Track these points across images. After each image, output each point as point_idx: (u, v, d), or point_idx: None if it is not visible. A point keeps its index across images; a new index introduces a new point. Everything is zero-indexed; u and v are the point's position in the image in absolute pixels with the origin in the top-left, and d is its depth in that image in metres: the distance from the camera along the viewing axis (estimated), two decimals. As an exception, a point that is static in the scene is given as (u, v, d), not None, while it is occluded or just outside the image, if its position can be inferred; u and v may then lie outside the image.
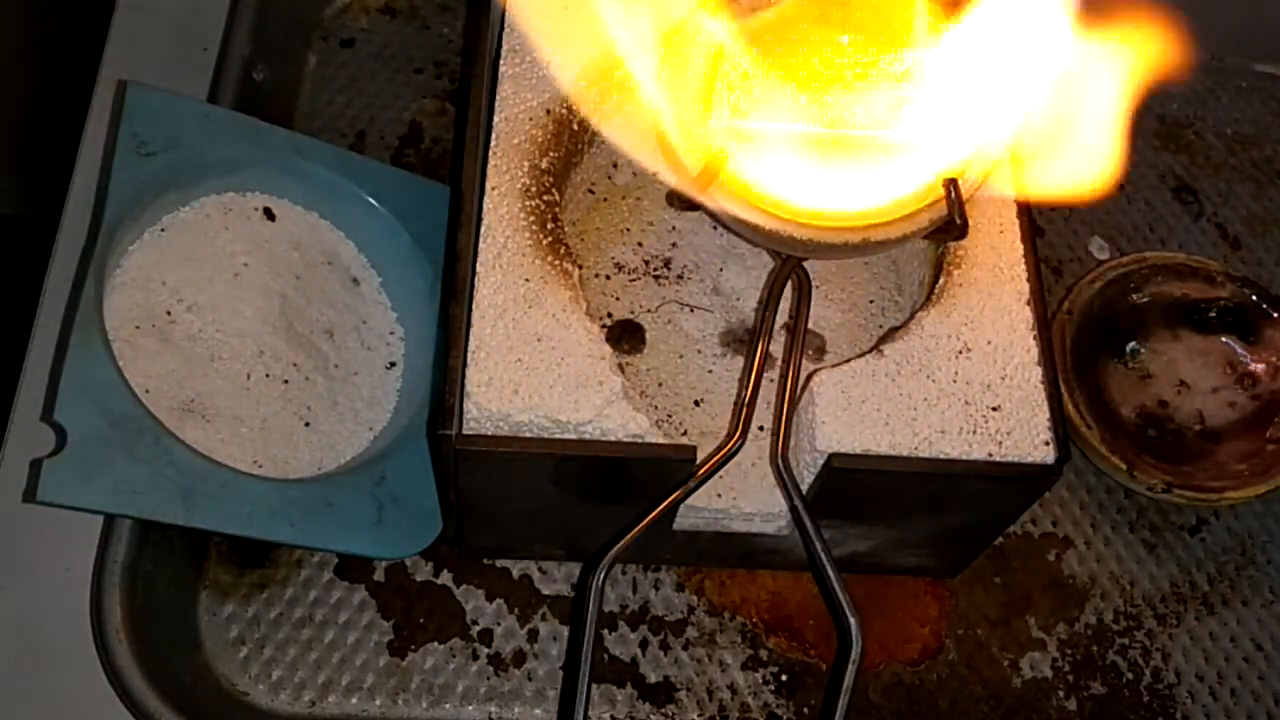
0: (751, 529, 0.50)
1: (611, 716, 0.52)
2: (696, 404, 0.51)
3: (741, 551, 0.53)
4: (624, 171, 0.55)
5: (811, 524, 0.45)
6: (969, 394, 0.46)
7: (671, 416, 0.51)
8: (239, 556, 0.53)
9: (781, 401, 0.46)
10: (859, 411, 0.45)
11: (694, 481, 0.45)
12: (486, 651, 0.53)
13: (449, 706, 0.52)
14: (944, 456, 0.45)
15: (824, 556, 0.44)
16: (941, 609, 0.55)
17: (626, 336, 0.52)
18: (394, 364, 0.56)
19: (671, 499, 0.45)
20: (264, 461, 0.51)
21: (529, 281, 0.46)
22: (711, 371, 0.52)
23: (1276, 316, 0.60)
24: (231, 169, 0.54)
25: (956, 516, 0.49)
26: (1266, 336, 0.60)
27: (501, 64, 0.50)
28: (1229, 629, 0.56)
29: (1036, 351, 0.47)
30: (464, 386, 0.44)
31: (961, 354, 0.47)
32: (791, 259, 0.48)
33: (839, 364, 0.47)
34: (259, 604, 0.53)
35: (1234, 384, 0.60)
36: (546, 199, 0.48)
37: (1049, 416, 0.46)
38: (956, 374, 0.46)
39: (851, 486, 0.46)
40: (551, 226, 0.47)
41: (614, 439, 0.44)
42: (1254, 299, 0.60)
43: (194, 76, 0.58)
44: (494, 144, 0.49)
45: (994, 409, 0.46)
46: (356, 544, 0.51)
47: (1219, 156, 0.69)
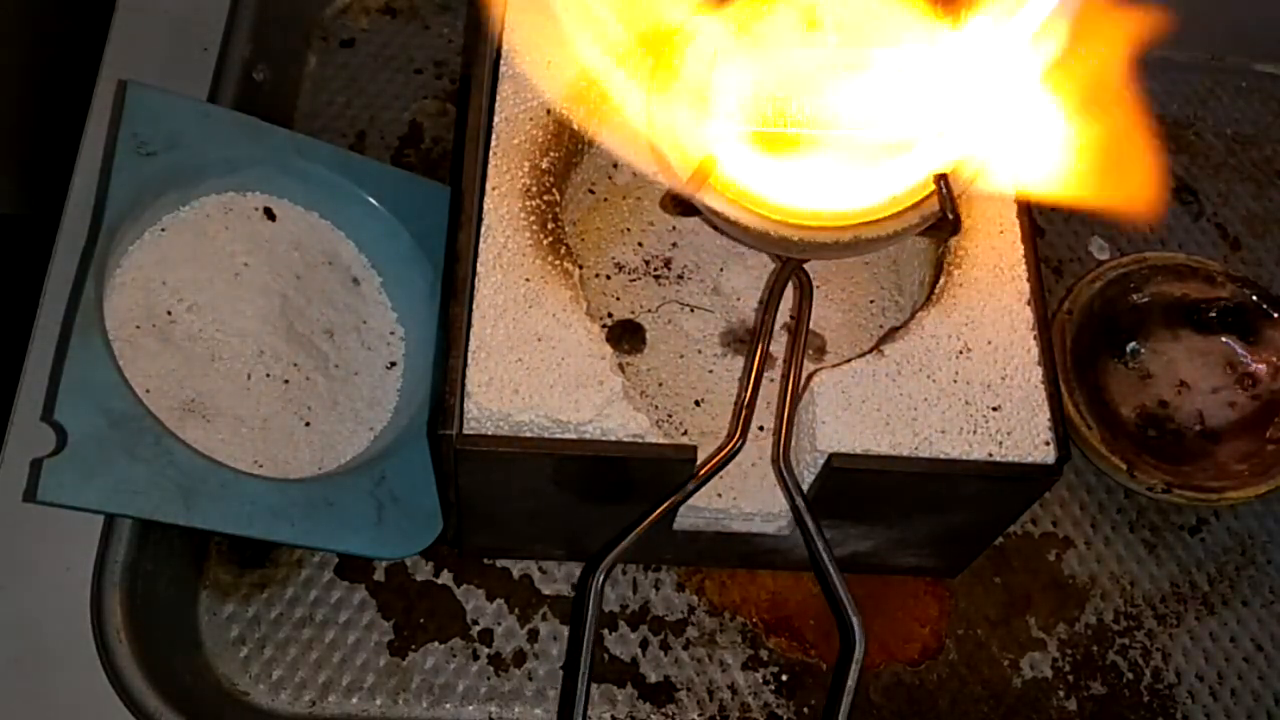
0: (752, 529, 0.50)
1: (612, 716, 0.52)
2: (697, 404, 0.51)
3: (742, 551, 0.53)
4: (624, 171, 0.55)
5: (813, 524, 0.45)
6: (969, 394, 0.46)
7: (672, 416, 0.51)
8: (239, 556, 0.53)
9: (783, 402, 0.46)
10: (859, 411, 0.45)
11: (693, 484, 0.45)
12: (487, 651, 0.53)
13: (449, 706, 0.52)
14: (944, 456, 0.45)
15: (826, 556, 0.44)
16: (941, 609, 0.55)
17: (627, 336, 0.52)
18: (394, 364, 0.56)
19: (671, 501, 0.45)
20: (264, 461, 0.51)
21: (529, 281, 0.46)
22: (712, 371, 0.52)
23: (1276, 317, 0.60)
24: (231, 169, 0.54)
25: (956, 516, 0.49)
26: (1266, 336, 0.60)
27: (501, 64, 0.50)
28: (1229, 629, 0.56)
29: (1037, 351, 0.47)
30: (464, 386, 0.44)
31: (962, 354, 0.47)
32: (792, 260, 0.48)
33: (839, 364, 0.47)
34: (259, 604, 0.53)
35: (1234, 384, 0.60)
36: (547, 199, 0.48)
37: (1049, 416, 0.46)
38: (957, 374, 0.46)
39: (852, 486, 0.46)
40: (552, 226, 0.47)
41: (614, 439, 0.44)
42: (1254, 299, 0.60)
43: (194, 76, 0.58)
44: (494, 144, 0.49)
45: (994, 409, 0.46)
46: (357, 544, 0.51)
47: (1219, 156, 0.69)
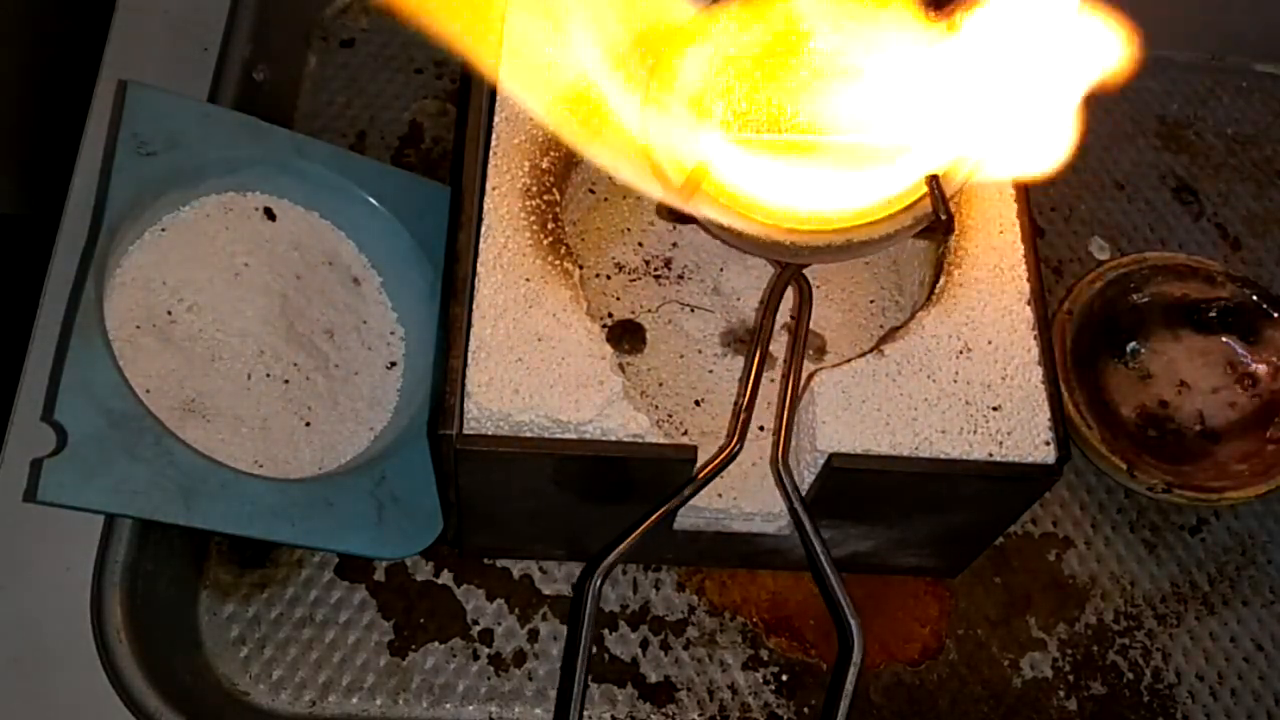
0: (752, 529, 0.50)
1: (612, 716, 0.52)
2: (697, 404, 0.51)
3: (742, 551, 0.53)
4: (625, 171, 0.55)
5: (812, 527, 0.45)
6: (969, 394, 0.46)
7: (672, 416, 0.51)
8: (239, 556, 0.53)
9: (782, 405, 0.46)
10: (859, 411, 0.45)
11: (690, 489, 0.45)
12: (487, 651, 0.53)
13: (449, 706, 0.52)
14: (944, 456, 0.45)
15: (824, 559, 0.44)
16: (942, 609, 0.55)
17: (627, 336, 0.52)
18: (394, 364, 0.56)
19: (668, 506, 0.45)
20: (265, 461, 0.51)
21: (529, 281, 0.46)
22: (712, 371, 0.52)
23: (1276, 316, 0.60)
24: (232, 169, 0.54)
25: (957, 516, 0.49)
26: (1267, 336, 0.60)
27: (502, 64, 0.50)
28: (1229, 629, 0.56)
29: (1037, 351, 0.47)
30: (464, 386, 0.44)
31: (962, 354, 0.47)
32: (791, 266, 0.48)
33: (839, 364, 0.47)
34: (259, 604, 0.53)
35: (1234, 384, 0.60)
36: (547, 199, 0.48)
37: (1049, 416, 0.46)
38: (957, 374, 0.46)
39: (852, 486, 0.46)
40: (552, 226, 0.47)
41: (615, 439, 0.44)
42: (1254, 299, 0.60)
43: (194, 76, 0.58)
44: (494, 144, 0.49)
45: (994, 409, 0.46)
46: (357, 544, 0.51)
47: (1219, 156, 0.69)
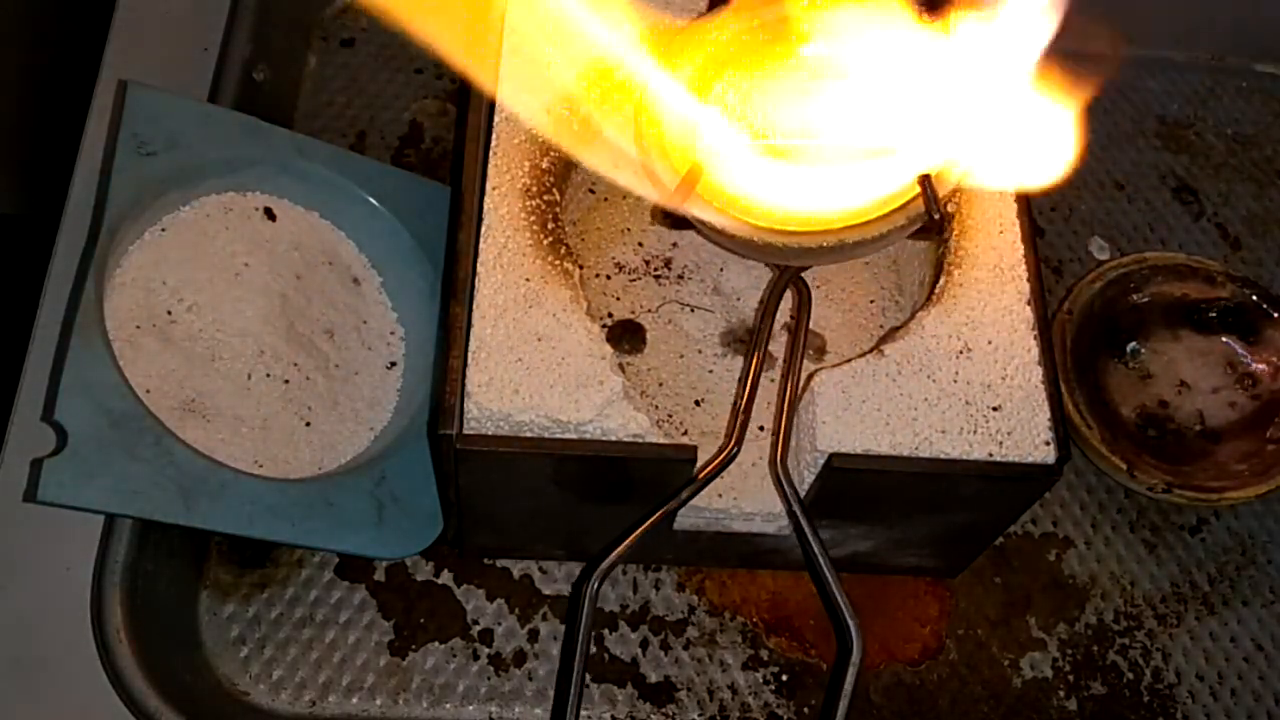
0: (752, 529, 0.50)
1: (612, 716, 0.52)
2: (697, 404, 0.51)
3: (742, 551, 0.53)
4: (625, 170, 0.55)
5: (810, 529, 0.45)
6: (969, 394, 0.46)
7: (672, 416, 0.51)
8: (239, 556, 0.53)
9: (780, 408, 0.46)
10: (859, 411, 0.45)
11: (688, 492, 0.45)
12: (487, 651, 0.53)
13: (449, 706, 0.52)
14: (944, 456, 0.45)
15: (823, 561, 0.44)
16: (942, 609, 0.55)
17: (627, 336, 0.52)
18: (394, 364, 0.56)
19: (666, 508, 0.45)
20: (265, 461, 0.51)
21: (529, 281, 0.46)
22: (712, 371, 0.52)
23: (1277, 316, 0.60)
24: (231, 169, 0.54)
25: (957, 516, 0.49)
26: (1267, 336, 0.60)
27: (502, 64, 0.50)
28: (1229, 629, 0.56)
29: (1037, 351, 0.47)
30: (464, 386, 0.44)
31: (962, 354, 0.47)
32: (789, 269, 0.48)
33: (839, 364, 0.47)
34: (259, 604, 0.53)
35: (1234, 384, 0.60)
36: (547, 199, 0.48)
37: (1049, 416, 0.46)
38: (957, 374, 0.46)
39: (852, 486, 0.46)
40: (552, 226, 0.47)
41: (615, 439, 0.44)
42: (1254, 299, 0.60)
43: (194, 76, 0.58)
44: (494, 144, 0.49)
45: (994, 409, 0.46)
46: (357, 544, 0.51)
47: (1219, 156, 0.69)
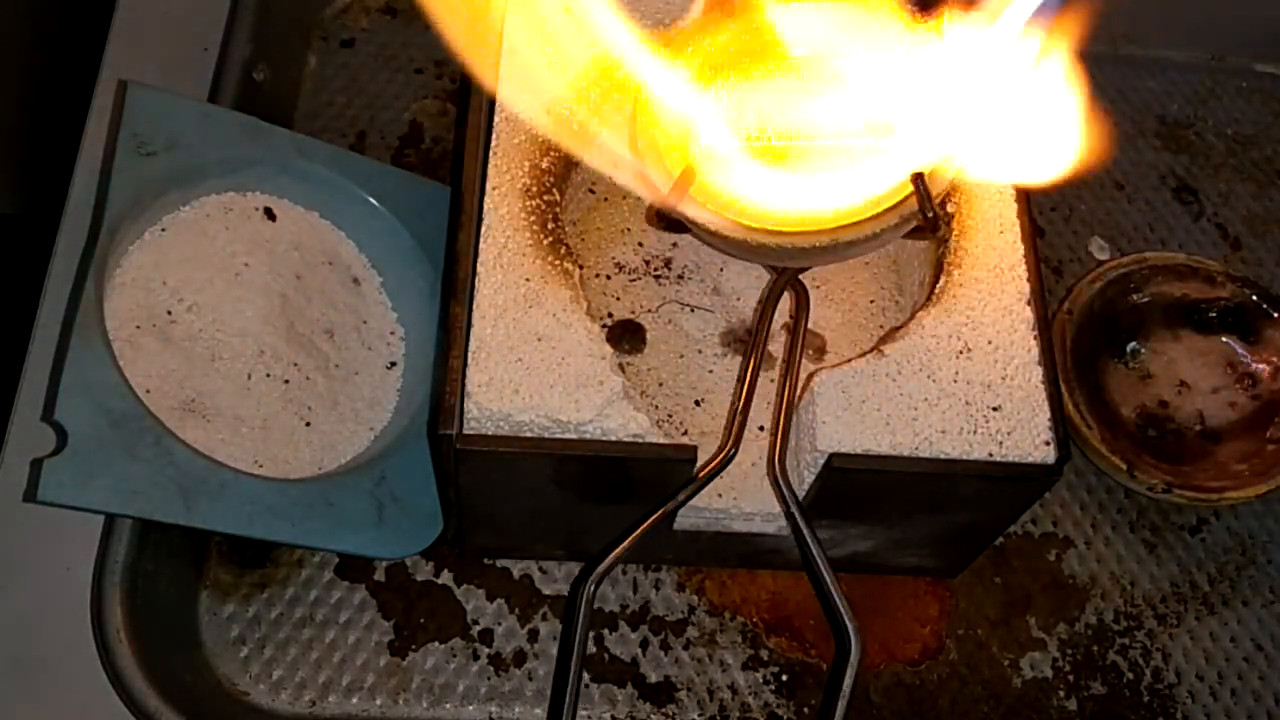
0: (752, 529, 0.50)
1: (612, 716, 0.52)
2: (697, 404, 0.51)
3: (742, 551, 0.53)
4: (625, 170, 0.55)
5: (809, 533, 0.45)
6: (969, 394, 0.46)
7: (672, 416, 0.51)
8: (239, 556, 0.53)
9: (779, 411, 0.46)
10: (859, 411, 0.45)
11: (685, 494, 0.45)
12: (487, 651, 0.53)
13: (449, 706, 0.52)
14: (944, 456, 0.45)
15: (822, 564, 0.44)
16: (942, 609, 0.55)
17: (627, 336, 0.52)
18: (394, 364, 0.56)
19: (663, 510, 0.45)
20: (264, 461, 0.51)
21: (529, 281, 0.46)
22: (712, 371, 0.52)
23: (1276, 317, 0.60)
24: (231, 169, 0.54)
25: (957, 516, 0.49)
26: (1266, 336, 0.60)
27: (502, 64, 0.50)
28: (1229, 629, 0.56)
29: (1037, 351, 0.47)
30: (464, 386, 0.44)
31: (962, 354, 0.47)
32: (788, 272, 0.48)
33: (839, 364, 0.47)
34: (259, 604, 0.53)
35: (1234, 384, 0.60)
36: (547, 199, 0.48)
37: (1049, 416, 0.46)
38: (957, 374, 0.46)
39: (852, 486, 0.46)
40: (552, 226, 0.47)
41: (614, 439, 0.44)
42: (1254, 299, 0.60)
43: (194, 76, 0.58)
44: (494, 144, 0.49)
45: (994, 409, 0.46)
46: (357, 544, 0.51)
47: (1219, 156, 0.69)
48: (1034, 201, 0.51)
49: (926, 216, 0.44)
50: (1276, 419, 0.59)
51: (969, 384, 0.46)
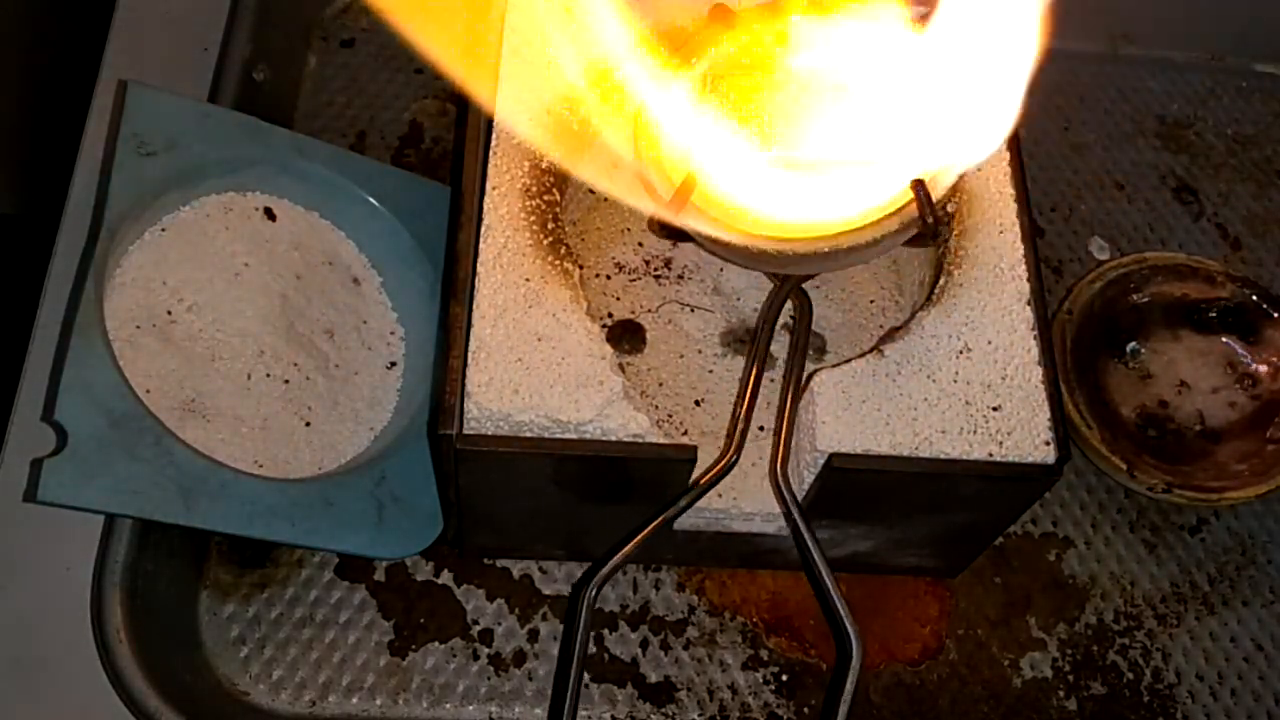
0: (752, 529, 0.50)
1: (612, 716, 0.52)
2: (697, 404, 0.51)
3: (742, 551, 0.53)
4: (625, 171, 0.55)
5: (810, 537, 0.45)
6: (969, 394, 0.46)
7: (672, 416, 0.51)
8: (239, 556, 0.53)
9: (780, 414, 0.46)
10: (859, 411, 0.45)
11: (687, 498, 0.45)
12: (487, 651, 0.53)
13: (449, 706, 0.52)
14: (944, 456, 0.45)
15: (822, 569, 0.44)
16: (942, 609, 0.55)
17: (627, 336, 0.52)
18: (394, 364, 0.56)
19: (664, 516, 0.45)
20: (265, 461, 0.51)
21: (529, 281, 0.46)
22: (712, 371, 0.52)
23: (1277, 317, 0.60)
24: (231, 169, 0.54)
25: (957, 516, 0.49)
26: (1267, 336, 0.60)
27: (501, 64, 0.50)
28: (1229, 629, 0.56)
29: (1037, 351, 0.47)
30: (464, 386, 0.44)
31: (962, 354, 0.47)
32: (790, 279, 0.48)
33: (839, 364, 0.47)
34: (259, 604, 0.53)
35: (1234, 384, 0.60)
36: (547, 199, 0.48)
37: (1049, 416, 0.46)
38: (957, 374, 0.46)
39: (852, 486, 0.46)
40: (552, 226, 0.47)
41: (615, 439, 0.44)
42: (1254, 299, 0.60)
43: (194, 76, 0.58)
44: (494, 144, 0.49)
45: (994, 409, 0.46)
46: (357, 544, 0.51)
47: (1219, 156, 0.69)
48: (1034, 201, 0.51)
49: (927, 223, 0.44)
50: (1276, 419, 0.59)
51: (969, 384, 0.46)
